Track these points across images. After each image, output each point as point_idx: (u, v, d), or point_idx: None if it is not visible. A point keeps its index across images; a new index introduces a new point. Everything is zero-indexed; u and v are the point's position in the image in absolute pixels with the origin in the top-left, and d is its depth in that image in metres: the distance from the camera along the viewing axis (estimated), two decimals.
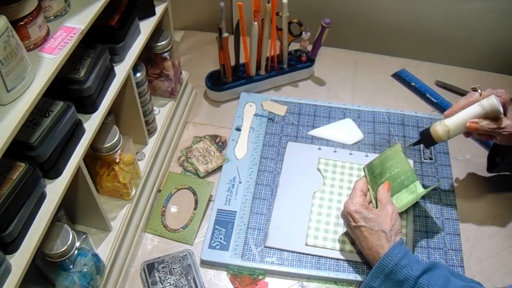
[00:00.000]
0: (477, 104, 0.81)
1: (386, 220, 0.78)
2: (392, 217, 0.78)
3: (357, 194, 0.81)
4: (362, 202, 0.80)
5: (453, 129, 0.81)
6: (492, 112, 0.79)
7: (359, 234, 0.79)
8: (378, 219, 0.78)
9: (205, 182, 0.94)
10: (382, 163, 0.86)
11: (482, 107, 0.80)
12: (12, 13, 0.57)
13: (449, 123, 0.81)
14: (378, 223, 0.77)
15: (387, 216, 0.78)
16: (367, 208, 0.80)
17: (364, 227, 0.78)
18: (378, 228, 0.77)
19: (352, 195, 0.82)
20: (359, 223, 0.78)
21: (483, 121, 0.80)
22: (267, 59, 1.08)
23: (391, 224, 0.77)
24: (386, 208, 0.79)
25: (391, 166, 0.85)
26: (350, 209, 0.80)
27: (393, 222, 0.78)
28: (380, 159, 0.86)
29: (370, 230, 0.77)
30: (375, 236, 0.77)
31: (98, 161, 0.78)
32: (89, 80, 0.69)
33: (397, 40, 1.25)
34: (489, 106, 0.79)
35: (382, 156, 0.87)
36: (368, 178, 0.85)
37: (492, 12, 1.15)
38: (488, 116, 0.80)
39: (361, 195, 0.81)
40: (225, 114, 1.07)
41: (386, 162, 0.86)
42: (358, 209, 0.79)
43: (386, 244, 0.76)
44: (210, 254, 0.84)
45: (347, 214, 0.80)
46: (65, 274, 0.67)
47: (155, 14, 0.86)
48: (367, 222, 0.78)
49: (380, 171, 0.85)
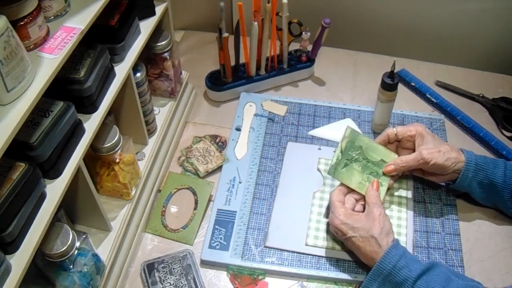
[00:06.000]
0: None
1: (374, 224, 0.77)
2: (380, 220, 0.77)
3: (337, 206, 0.80)
4: (345, 211, 0.79)
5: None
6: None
7: (352, 244, 0.78)
8: (366, 225, 0.77)
9: (205, 182, 0.94)
10: (367, 148, 0.87)
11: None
12: (12, 13, 0.57)
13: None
14: (366, 230, 0.76)
15: (374, 220, 0.77)
16: (352, 215, 0.79)
17: (354, 237, 0.77)
18: (368, 235, 0.76)
19: (332, 208, 0.81)
20: (349, 235, 0.77)
21: (396, 160, 0.86)
22: (267, 59, 1.08)
23: (380, 228, 0.76)
24: (373, 212, 0.78)
25: (372, 156, 0.87)
26: (336, 223, 0.79)
27: (382, 225, 0.77)
28: (367, 143, 0.88)
29: (361, 239, 0.76)
30: (367, 243, 0.76)
31: (98, 161, 0.78)
32: (89, 80, 0.69)
33: (397, 40, 1.25)
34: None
35: (371, 143, 0.88)
36: (344, 142, 0.86)
37: (492, 12, 1.15)
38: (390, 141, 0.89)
39: (341, 206, 0.80)
40: (225, 114, 1.07)
41: (370, 151, 0.87)
42: (344, 220, 0.78)
43: (379, 249, 0.75)
44: (210, 254, 0.84)
45: (335, 228, 0.80)
46: (65, 274, 0.67)
47: (155, 14, 0.86)
48: (355, 231, 0.77)
49: (359, 152, 0.87)
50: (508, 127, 1.04)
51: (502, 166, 0.84)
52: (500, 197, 0.85)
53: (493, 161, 0.85)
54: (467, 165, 0.84)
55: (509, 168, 0.84)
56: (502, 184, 0.83)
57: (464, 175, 0.84)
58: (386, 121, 1.01)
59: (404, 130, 0.88)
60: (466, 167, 0.84)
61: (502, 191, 0.84)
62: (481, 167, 0.84)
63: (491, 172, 0.84)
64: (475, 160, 0.84)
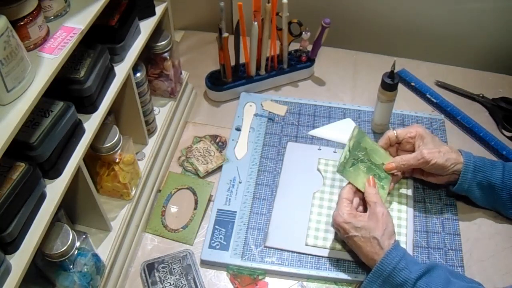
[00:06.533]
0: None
1: (377, 225, 0.76)
2: (383, 221, 0.77)
3: (343, 203, 0.80)
4: (350, 210, 0.79)
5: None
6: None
7: (353, 243, 0.78)
8: (368, 226, 0.76)
9: (205, 182, 0.94)
10: (371, 151, 0.87)
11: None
12: (12, 13, 0.57)
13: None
14: (369, 231, 0.76)
15: (378, 221, 0.77)
16: (355, 216, 0.78)
17: (356, 236, 0.77)
18: (369, 236, 0.76)
19: (339, 205, 0.80)
20: (351, 233, 0.77)
21: (397, 158, 0.87)
22: (267, 59, 1.08)
23: (382, 229, 0.76)
24: (376, 212, 0.78)
25: (375, 159, 0.87)
26: (339, 221, 0.78)
27: (385, 226, 0.76)
28: (371, 145, 0.88)
29: (363, 239, 0.76)
30: (368, 244, 0.76)
31: (98, 161, 0.78)
32: (89, 80, 0.69)
33: (397, 40, 1.25)
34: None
35: (375, 146, 0.88)
36: (351, 141, 0.86)
37: (492, 12, 1.15)
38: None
39: (347, 204, 0.80)
40: (225, 114, 1.07)
41: (374, 154, 0.87)
42: (347, 219, 0.78)
43: (380, 250, 0.75)
44: (210, 254, 0.84)
45: (337, 226, 0.79)
46: (65, 274, 0.67)
47: (155, 14, 0.86)
48: (358, 231, 0.77)
49: (364, 153, 0.86)
50: (508, 127, 1.04)
51: (500, 167, 0.85)
52: (499, 198, 0.85)
53: (491, 163, 0.86)
54: (466, 166, 0.84)
55: (508, 169, 0.84)
56: (501, 185, 0.83)
57: (464, 176, 0.84)
58: (386, 121, 1.01)
59: (404, 131, 0.88)
60: (465, 168, 0.84)
61: (501, 193, 0.84)
62: (480, 168, 0.84)
63: (490, 173, 0.84)
64: (473, 161, 0.84)
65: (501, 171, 0.84)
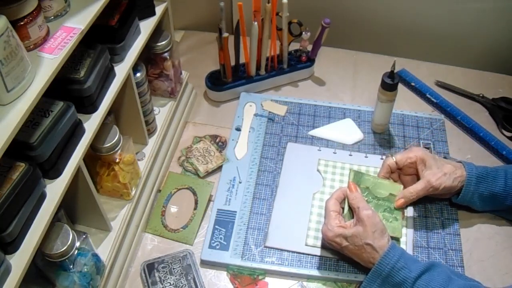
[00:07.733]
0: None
1: (366, 230, 0.75)
2: (370, 224, 0.76)
3: (331, 217, 0.79)
4: (339, 223, 0.78)
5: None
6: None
7: (348, 252, 0.78)
8: (358, 233, 0.76)
9: (205, 182, 0.94)
10: (374, 187, 0.85)
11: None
12: (12, 13, 0.57)
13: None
14: (360, 238, 0.75)
15: (365, 226, 0.76)
16: (345, 227, 0.78)
17: (350, 246, 0.77)
18: (362, 243, 0.75)
19: (327, 219, 0.79)
20: (344, 244, 0.77)
21: (405, 192, 0.84)
22: (267, 59, 1.08)
23: (372, 232, 0.75)
24: (361, 217, 0.77)
25: (380, 193, 0.85)
26: (330, 236, 0.78)
27: (373, 228, 0.76)
28: (372, 181, 0.85)
29: (356, 246, 0.76)
30: (363, 251, 0.76)
31: (98, 161, 0.78)
32: (89, 80, 0.69)
33: (397, 40, 1.25)
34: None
35: (376, 180, 0.86)
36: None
37: (492, 12, 1.15)
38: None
39: (336, 216, 0.79)
40: (225, 114, 1.07)
41: (377, 188, 0.85)
42: (337, 232, 0.77)
43: (375, 254, 0.75)
44: (210, 254, 0.84)
45: (329, 241, 0.79)
46: (65, 274, 0.67)
47: (155, 14, 0.86)
48: (349, 240, 0.76)
49: (367, 193, 0.84)
50: (508, 127, 1.04)
51: (502, 175, 0.84)
52: (502, 206, 0.85)
53: (494, 171, 0.85)
54: (469, 178, 0.83)
55: (510, 177, 0.84)
56: (504, 193, 0.83)
57: (467, 188, 0.84)
58: (386, 121, 1.01)
59: (404, 157, 0.86)
60: (468, 181, 0.83)
61: (504, 200, 0.84)
62: (482, 179, 0.83)
63: (492, 183, 0.83)
64: (475, 173, 0.84)
65: (503, 179, 0.83)
